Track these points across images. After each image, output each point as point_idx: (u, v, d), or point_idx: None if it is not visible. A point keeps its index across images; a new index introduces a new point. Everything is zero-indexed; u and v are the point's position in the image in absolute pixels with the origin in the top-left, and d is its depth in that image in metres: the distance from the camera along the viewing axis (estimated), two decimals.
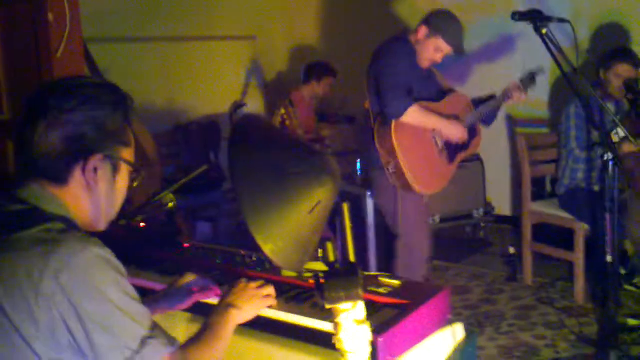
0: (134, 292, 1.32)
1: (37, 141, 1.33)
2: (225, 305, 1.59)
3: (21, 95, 3.13)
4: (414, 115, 3.30)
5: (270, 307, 1.71)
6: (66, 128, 1.33)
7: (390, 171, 3.35)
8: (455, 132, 3.44)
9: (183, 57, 6.01)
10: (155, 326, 1.33)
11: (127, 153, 1.44)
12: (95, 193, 1.39)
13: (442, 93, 3.61)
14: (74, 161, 1.36)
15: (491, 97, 3.58)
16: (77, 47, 2.90)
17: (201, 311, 1.78)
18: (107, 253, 1.29)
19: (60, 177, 1.36)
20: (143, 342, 1.29)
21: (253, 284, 1.67)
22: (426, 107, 3.38)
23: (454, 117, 3.52)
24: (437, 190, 3.55)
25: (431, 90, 3.56)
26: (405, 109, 3.26)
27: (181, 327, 1.88)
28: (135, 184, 1.49)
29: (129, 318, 1.28)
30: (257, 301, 1.64)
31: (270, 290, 1.71)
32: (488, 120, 3.65)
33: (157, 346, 1.30)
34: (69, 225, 1.33)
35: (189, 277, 1.85)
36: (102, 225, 1.45)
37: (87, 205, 1.40)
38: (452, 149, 3.53)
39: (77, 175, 1.37)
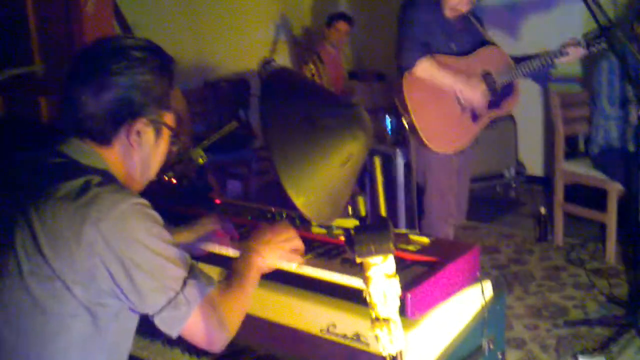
0: (171, 238, 1.36)
1: (85, 102, 1.35)
2: (248, 251, 1.62)
3: (52, 49, 3.16)
4: (424, 68, 3.15)
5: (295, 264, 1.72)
6: (115, 91, 1.35)
7: (407, 126, 3.22)
8: (469, 93, 3.22)
9: (211, 13, 5.97)
10: (193, 268, 1.38)
11: (169, 118, 1.47)
12: (137, 155, 1.43)
13: (479, 46, 3.40)
14: (120, 124, 1.39)
15: (535, 56, 3.31)
16: (106, 1, 2.91)
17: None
18: (144, 203, 1.33)
19: (105, 138, 1.39)
20: (185, 282, 1.34)
21: (279, 236, 1.68)
22: (442, 62, 3.21)
23: (485, 74, 3.32)
24: (454, 151, 3.32)
25: (465, 43, 3.37)
26: (415, 61, 3.13)
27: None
28: (174, 148, 1.52)
29: (169, 262, 1.33)
30: (280, 252, 1.67)
31: (297, 243, 1.71)
32: (539, 80, 3.46)
33: (197, 286, 1.36)
34: (108, 179, 1.36)
35: (207, 222, 1.91)
36: (139, 187, 1.49)
37: (127, 167, 1.43)
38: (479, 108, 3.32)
39: (121, 137, 1.40)
